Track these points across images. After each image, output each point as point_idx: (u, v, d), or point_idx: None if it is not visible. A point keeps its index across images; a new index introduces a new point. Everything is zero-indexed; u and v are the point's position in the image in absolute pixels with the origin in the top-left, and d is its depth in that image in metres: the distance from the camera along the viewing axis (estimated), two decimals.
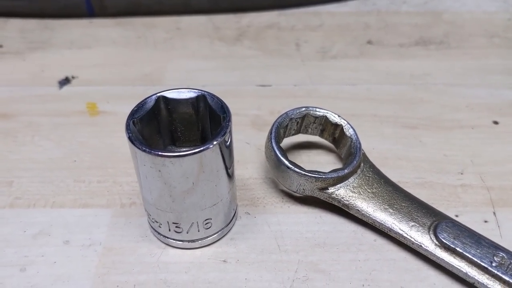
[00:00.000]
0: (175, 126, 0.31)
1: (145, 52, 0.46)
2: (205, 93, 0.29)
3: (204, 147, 0.25)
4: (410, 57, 0.45)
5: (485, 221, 0.31)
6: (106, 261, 0.29)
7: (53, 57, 0.46)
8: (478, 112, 0.39)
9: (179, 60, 0.45)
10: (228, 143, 0.27)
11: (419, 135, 0.37)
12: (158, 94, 0.29)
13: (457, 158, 0.36)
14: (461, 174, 0.34)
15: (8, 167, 0.35)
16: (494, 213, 0.32)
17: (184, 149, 0.25)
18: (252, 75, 0.43)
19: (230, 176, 0.28)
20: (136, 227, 0.31)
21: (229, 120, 0.27)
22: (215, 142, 0.25)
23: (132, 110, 0.27)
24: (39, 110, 0.40)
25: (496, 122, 0.38)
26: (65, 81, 0.43)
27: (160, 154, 0.25)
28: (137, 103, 0.28)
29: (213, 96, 0.28)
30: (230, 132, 0.27)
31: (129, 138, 0.26)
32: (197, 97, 0.29)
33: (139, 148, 0.25)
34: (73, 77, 0.43)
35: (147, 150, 0.25)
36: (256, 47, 0.46)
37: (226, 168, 0.27)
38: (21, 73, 0.44)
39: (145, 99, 0.28)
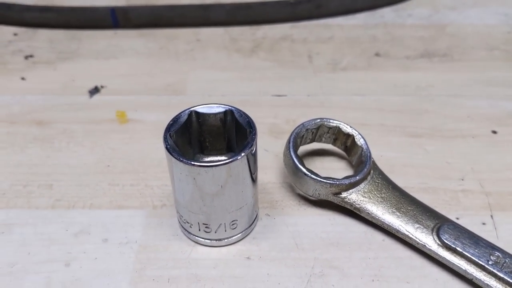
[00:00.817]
0: (204, 137, 0.34)
1: (168, 62, 0.49)
2: (233, 108, 0.32)
3: (233, 159, 0.28)
4: (415, 69, 0.48)
5: (483, 224, 0.35)
6: (142, 257, 0.32)
7: (81, 67, 0.49)
8: (478, 122, 0.43)
9: (199, 70, 0.48)
10: (254, 154, 0.30)
11: (423, 143, 0.41)
12: (191, 109, 0.32)
13: (458, 165, 0.39)
14: (462, 180, 0.38)
15: (48, 171, 0.38)
16: (492, 216, 0.35)
17: (216, 160, 0.28)
18: (267, 85, 0.46)
19: (254, 182, 0.32)
20: (167, 226, 0.34)
21: (255, 134, 0.30)
22: (243, 154, 0.29)
23: (168, 124, 0.31)
24: (72, 117, 0.43)
25: (495, 132, 0.42)
26: (95, 90, 0.46)
27: (196, 164, 0.28)
28: (172, 117, 0.31)
29: (240, 111, 0.32)
30: (256, 145, 0.30)
31: (167, 149, 0.29)
32: (225, 112, 0.32)
33: (176, 159, 0.28)
34: (102, 87, 0.46)
35: (184, 160, 0.28)
36: (271, 58, 0.50)
37: (251, 176, 0.31)
38: (53, 82, 0.47)
39: (179, 113, 0.32)
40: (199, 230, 0.32)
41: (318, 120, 0.37)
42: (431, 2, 0.58)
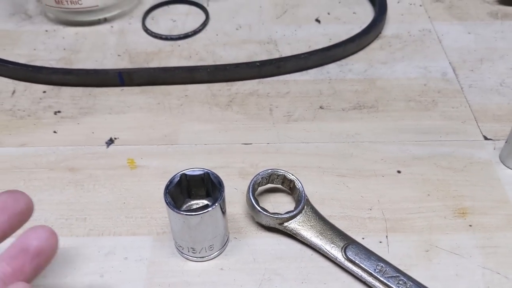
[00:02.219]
0: (190, 187, 0.50)
1: (164, 116, 0.65)
2: (209, 171, 0.48)
3: (209, 209, 0.45)
4: (348, 120, 0.64)
5: (380, 242, 0.51)
6: (151, 269, 0.49)
7: (98, 121, 0.65)
8: (389, 163, 0.59)
9: (188, 123, 0.64)
10: (223, 203, 0.47)
11: (346, 181, 0.57)
12: (181, 173, 0.48)
13: (369, 198, 0.55)
14: (370, 209, 0.54)
15: (81, 208, 0.55)
16: (387, 236, 0.52)
17: (201, 203, 0.47)
18: (238, 135, 0.62)
19: (224, 219, 0.48)
20: (167, 247, 0.51)
21: (223, 190, 0.46)
22: (216, 204, 0.45)
23: (166, 184, 0.47)
24: (95, 164, 0.59)
25: (399, 171, 0.58)
26: (110, 142, 0.62)
27: (183, 214, 0.44)
28: (169, 179, 0.47)
29: (214, 173, 0.48)
30: (224, 197, 0.46)
31: (167, 203, 0.45)
32: (204, 174, 0.48)
33: (172, 210, 0.45)
34: (115, 138, 0.62)
35: (177, 211, 0.45)
36: (241, 111, 0.66)
37: (222, 216, 0.47)
38: (78, 134, 0.63)
39: (174, 175, 0.48)
40: (188, 251, 0.49)
41: (270, 170, 0.53)
42: (368, 57, 0.74)
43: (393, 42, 0.76)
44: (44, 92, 0.69)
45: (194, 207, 0.51)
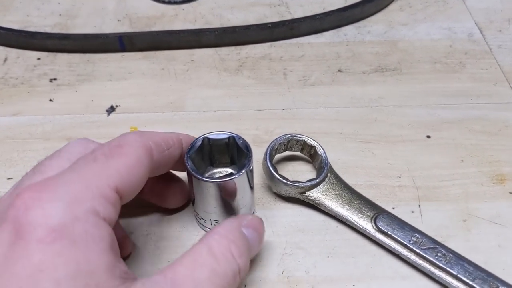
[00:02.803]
0: (213, 154, 0.45)
1: (169, 82, 0.60)
2: (234, 135, 0.43)
3: (237, 175, 0.39)
4: (370, 83, 0.59)
5: (412, 212, 0.47)
6: (158, 245, 0.44)
7: (98, 88, 0.60)
8: (417, 128, 0.54)
9: (195, 89, 0.59)
10: (252, 170, 0.41)
11: (372, 148, 0.52)
12: (203, 136, 0.43)
13: (397, 166, 0.50)
14: (399, 177, 0.49)
15: None
16: (419, 206, 0.47)
17: (224, 171, 0.42)
18: (250, 101, 0.57)
19: (252, 189, 0.43)
20: (177, 221, 0.46)
21: (251, 156, 0.41)
22: (243, 171, 0.40)
23: (188, 149, 0.41)
24: (94, 134, 0.54)
25: (428, 136, 0.53)
26: (111, 109, 0.57)
27: (209, 181, 0.39)
28: (190, 143, 0.42)
29: (239, 137, 0.43)
30: (252, 163, 0.41)
31: (190, 169, 0.40)
32: (229, 137, 0.43)
33: (195, 177, 0.40)
34: (116, 106, 0.57)
35: (201, 177, 0.39)
36: (253, 76, 0.60)
37: (250, 186, 0.42)
38: (76, 102, 0.58)
39: (196, 139, 0.42)
40: (211, 224, 0.44)
41: (288, 136, 0.48)
42: (387, 18, 0.68)
43: (414, 3, 0.71)
44: (39, 59, 0.64)
45: (217, 176, 0.46)
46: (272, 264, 0.43)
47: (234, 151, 0.45)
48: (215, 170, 0.47)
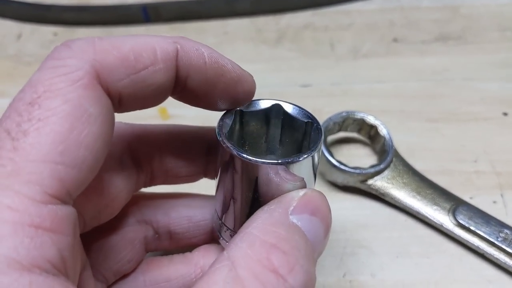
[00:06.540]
0: (245, 135, 0.31)
1: None
2: (280, 102, 0.30)
3: (306, 155, 0.26)
4: (431, 54, 0.51)
5: (494, 202, 0.39)
6: None
7: None
8: (490, 105, 0.46)
9: None
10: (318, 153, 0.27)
11: (440, 127, 0.45)
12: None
13: (472, 148, 0.43)
14: (475, 162, 0.42)
15: None
16: (502, 195, 0.40)
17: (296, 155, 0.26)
18: (294, 76, 0.50)
19: (315, 176, 0.30)
20: None
21: (322, 133, 0.27)
22: (313, 152, 0.26)
23: (218, 124, 0.28)
24: (123, 114, 0.48)
25: (506, 114, 0.45)
26: None
27: (274, 162, 0.25)
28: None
29: (297, 106, 0.29)
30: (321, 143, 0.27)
31: (228, 147, 0.25)
32: (273, 105, 0.30)
33: (248, 160, 0.25)
34: None
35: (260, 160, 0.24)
36: (295, 48, 0.53)
37: (314, 173, 0.29)
38: None
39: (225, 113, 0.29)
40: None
41: (344, 114, 0.41)
42: None
43: None
44: (55, 34, 0.57)
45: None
46: (331, 266, 0.36)
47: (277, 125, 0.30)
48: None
